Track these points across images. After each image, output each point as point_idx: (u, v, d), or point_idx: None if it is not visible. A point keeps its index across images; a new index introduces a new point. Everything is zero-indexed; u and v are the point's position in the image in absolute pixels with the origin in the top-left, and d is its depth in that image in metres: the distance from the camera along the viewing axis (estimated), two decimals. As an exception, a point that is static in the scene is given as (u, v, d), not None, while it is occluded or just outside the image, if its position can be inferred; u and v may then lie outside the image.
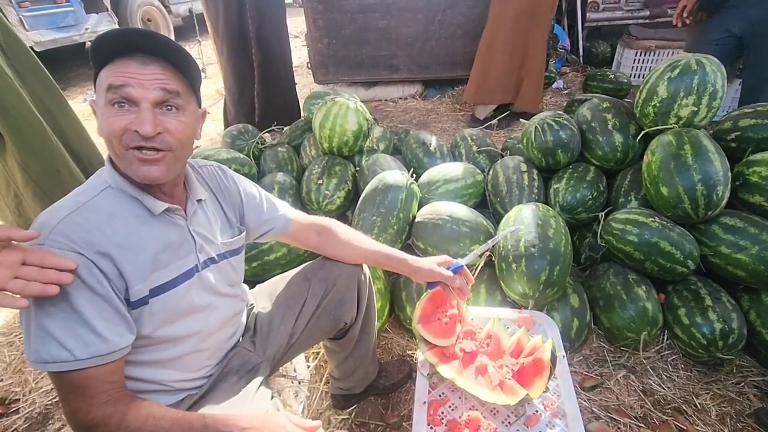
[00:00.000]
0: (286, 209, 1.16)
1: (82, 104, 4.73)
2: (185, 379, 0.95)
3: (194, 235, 0.90)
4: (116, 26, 5.70)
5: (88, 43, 6.31)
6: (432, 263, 1.16)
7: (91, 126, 0.89)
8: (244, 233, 1.05)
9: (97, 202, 0.79)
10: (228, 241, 1.00)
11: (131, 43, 0.76)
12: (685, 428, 1.34)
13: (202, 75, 5.52)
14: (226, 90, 3.34)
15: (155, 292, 0.83)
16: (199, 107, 0.89)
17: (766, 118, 1.72)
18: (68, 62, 6.22)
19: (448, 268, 1.17)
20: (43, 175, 1.67)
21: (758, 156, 1.61)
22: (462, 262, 1.18)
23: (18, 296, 0.65)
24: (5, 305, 0.64)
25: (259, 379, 1.00)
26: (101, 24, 5.54)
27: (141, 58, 0.77)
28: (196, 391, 0.96)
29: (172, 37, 6.69)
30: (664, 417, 1.39)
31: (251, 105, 3.29)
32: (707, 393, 1.45)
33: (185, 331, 0.89)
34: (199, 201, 0.94)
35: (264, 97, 3.25)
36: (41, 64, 1.76)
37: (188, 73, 0.82)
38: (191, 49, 6.55)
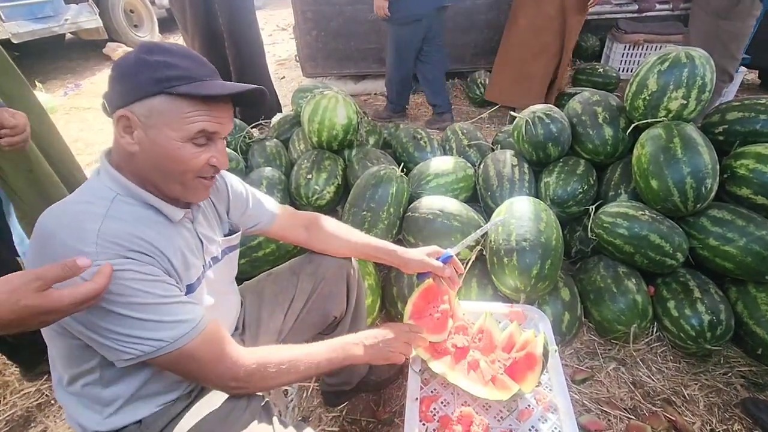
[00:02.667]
0: (272, 205, 1.14)
1: (62, 98, 4.60)
2: (182, 379, 0.92)
3: (201, 237, 0.90)
4: (97, 17, 5.52)
5: (68, 35, 6.14)
6: (422, 254, 1.16)
7: (71, 121, 0.84)
8: (240, 231, 1.05)
9: (118, 211, 0.75)
10: (227, 238, 1.00)
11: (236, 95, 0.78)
12: (674, 419, 1.35)
13: None
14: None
15: (186, 295, 0.83)
16: None
17: (753, 111, 1.73)
18: (47, 54, 6.03)
19: (437, 259, 1.16)
20: (15, 176, 1.60)
21: (745, 149, 1.62)
22: (451, 252, 1.18)
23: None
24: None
25: None
26: (81, 15, 5.38)
27: (226, 100, 0.79)
28: (186, 397, 0.93)
29: (156, 31, 6.55)
30: (654, 408, 1.40)
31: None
32: (696, 384, 1.47)
33: None
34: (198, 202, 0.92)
35: None
36: (9, 58, 1.66)
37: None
38: (175, 41, 6.42)
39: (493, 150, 2.29)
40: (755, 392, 1.44)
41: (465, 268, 1.63)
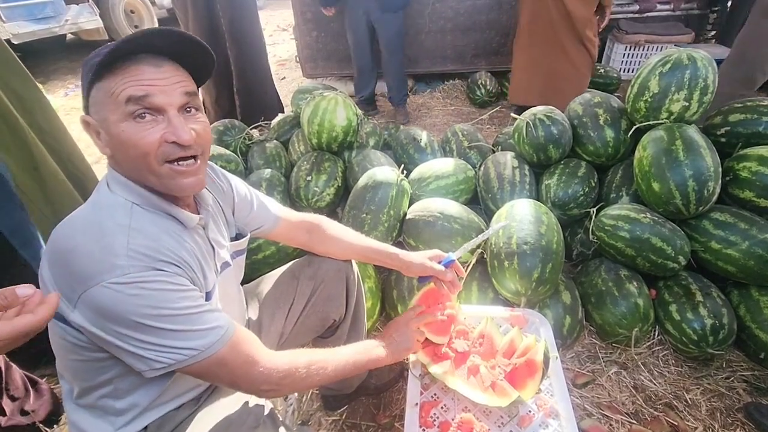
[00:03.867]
0: (276, 208, 1.13)
1: (63, 99, 4.60)
2: (191, 387, 0.91)
3: (212, 242, 0.89)
4: (98, 18, 5.53)
5: (69, 35, 6.15)
6: (423, 257, 1.16)
7: (73, 121, 0.82)
8: (248, 235, 1.04)
9: (140, 221, 0.73)
10: (235, 242, 0.99)
11: (140, 44, 0.69)
12: (675, 424, 1.34)
13: None
14: (204, 90, 3.24)
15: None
16: None
17: (755, 113, 1.72)
18: (48, 55, 6.04)
19: (439, 263, 1.17)
20: (21, 173, 1.61)
21: (748, 151, 1.61)
22: (453, 256, 1.18)
23: None
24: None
25: None
26: (82, 15, 5.38)
27: (151, 60, 0.71)
28: (193, 403, 0.92)
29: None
30: (656, 413, 1.39)
31: (231, 104, 3.21)
32: (698, 388, 1.46)
33: None
34: (207, 206, 0.91)
35: (244, 92, 3.17)
36: (16, 57, 1.68)
37: (199, 69, 0.79)
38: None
39: (493, 152, 2.28)
40: (758, 397, 1.43)
41: (466, 272, 1.62)
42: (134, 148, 0.71)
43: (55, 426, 1.45)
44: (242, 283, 1.24)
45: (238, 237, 1.02)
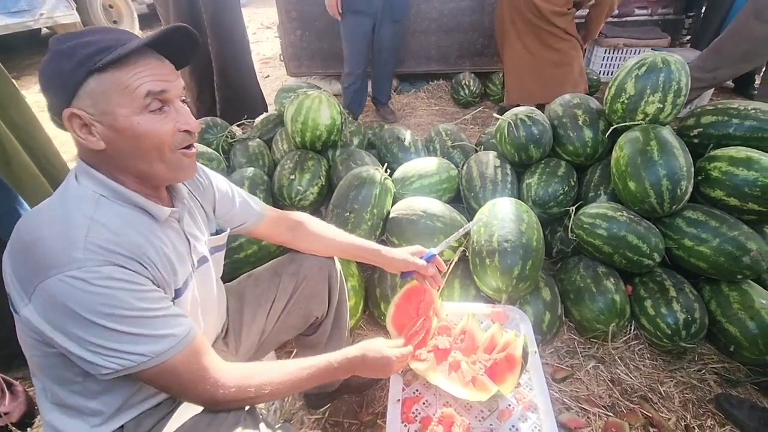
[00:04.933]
0: (259, 205, 1.13)
1: (37, 94, 4.45)
2: None
3: (188, 236, 0.87)
4: (74, 12, 5.37)
5: (44, 30, 5.96)
6: (405, 253, 1.18)
7: (47, 117, 0.79)
8: (228, 230, 1.03)
9: (105, 214, 0.71)
10: (213, 237, 0.98)
11: (158, 41, 0.72)
12: (650, 415, 1.38)
13: None
14: (184, 87, 3.20)
15: (174, 300, 0.81)
16: None
17: (726, 115, 1.78)
18: (22, 50, 5.84)
19: (420, 258, 1.18)
20: None
21: (719, 152, 1.67)
22: (434, 251, 1.20)
23: None
24: None
25: None
26: (57, 9, 5.22)
27: (154, 54, 0.73)
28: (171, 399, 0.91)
29: (136, 26, 6.41)
30: (632, 405, 1.43)
31: (212, 101, 3.16)
32: (671, 381, 1.50)
33: None
34: (183, 199, 0.90)
35: (225, 90, 3.12)
36: None
37: (178, 60, 0.80)
38: (157, 38, 6.28)
39: (476, 151, 2.31)
40: (728, 388, 1.48)
41: (448, 269, 1.64)
42: (152, 138, 0.73)
43: (28, 429, 1.41)
44: (224, 282, 1.24)
45: (218, 233, 1.01)
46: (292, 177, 2.05)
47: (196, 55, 0.81)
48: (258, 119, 2.81)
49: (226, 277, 1.27)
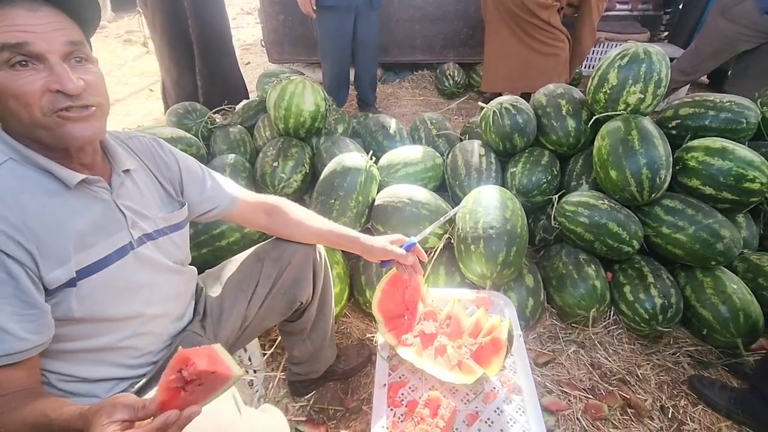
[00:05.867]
0: (233, 188, 1.09)
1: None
2: (129, 365, 0.88)
3: (123, 209, 0.81)
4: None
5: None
6: (385, 241, 1.15)
7: None
8: (185, 207, 0.97)
9: (1, 176, 0.68)
10: (167, 215, 0.92)
11: None
12: (628, 397, 1.43)
13: (144, 50, 5.02)
14: (164, 70, 3.07)
15: (83, 273, 0.74)
16: None
17: (702, 107, 1.82)
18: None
19: (401, 246, 1.16)
20: None
21: (696, 143, 1.71)
22: (415, 239, 1.18)
23: None
24: None
25: None
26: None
27: (26, 4, 0.65)
28: (139, 379, 0.89)
29: (108, 8, 6.14)
30: (610, 388, 1.47)
31: (193, 85, 3.06)
32: (648, 363, 1.55)
33: (124, 312, 0.82)
34: (126, 171, 0.84)
35: (207, 75, 3.03)
36: None
37: (82, 16, 0.72)
38: (131, 21, 6.05)
39: (461, 140, 2.31)
40: (700, 370, 1.54)
41: (433, 256, 1.65)
42: (14, 98, 0.65)
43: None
44: (206, 268, 1.21)
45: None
46: (275, 164, 2.01)
47: (90, 4, 0.73)
48: (239, 105, 2.74)
49: (209, 265, 1.24)
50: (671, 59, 3.29)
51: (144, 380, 0.89)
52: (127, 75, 4.49)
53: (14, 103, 0.66)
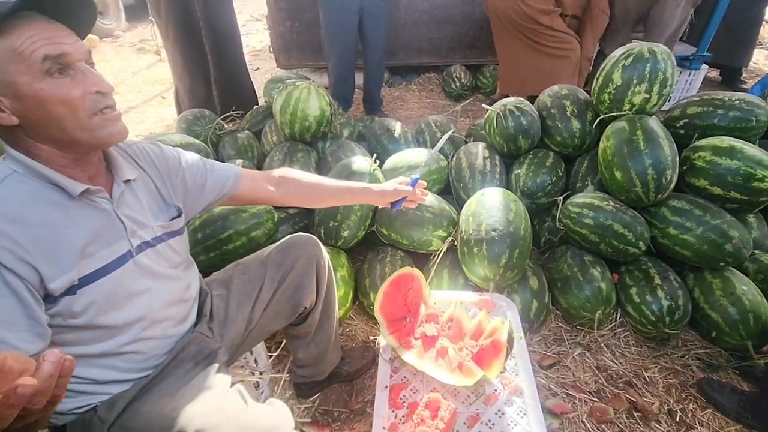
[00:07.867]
0: (235, 168, 1.11)
1: None
2: (135, 369, 0.90)
3: (122, 218, 0.84)
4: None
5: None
6: (394, 183, 1.27)
7: None
8: (182, 216, 1.00)
9: (5, 189, 0.71)
10: (164, 223, 0.94)
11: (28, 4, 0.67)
12: (634, 400, 1.41)
13: (157, 57, 5.11)
14: (176, 78, 3.13)
15: (84, 281, 0.77)
16: None
17: (711, 106, 1.80)
18: None
19: (406, 185, 1.27)
20: None
21: (703, 142, 1.69)
22: (416, 175, 1.29)
23: None
24: None
25: (216, 365, 0.96)
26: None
27: (39, 17, 0.69)
28: (143, 380, 0.91)
29: (122, 19, 6.28)
30: (617, 391, 1.45)
31: (206, 94, 3.12)
32: (655, 366, 1.53)
33: (125, 318, 0.84)
34: (126, 182, 0.87)
35: (224, 83, 3.10)
36: None
37: (81, 30, 0.76)
38: (144, 30, 6.18)
39: (466, 142, 2.31)
40: (709, 373, 1.51)
41: (436, 260, 1.66)
42: (63, 104, 0.70)
43: None
44: (212, 272, 1.23)
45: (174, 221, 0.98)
46: (282, 168, 2.04)
47: (91, 17, 0.77)
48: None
49: (215, 269, 1.27)
50: (683, 57, 3.25)
51: (148, 378, 0.90)
52: (140, 83, 4.59)
53: (62, 109, 0.70)
